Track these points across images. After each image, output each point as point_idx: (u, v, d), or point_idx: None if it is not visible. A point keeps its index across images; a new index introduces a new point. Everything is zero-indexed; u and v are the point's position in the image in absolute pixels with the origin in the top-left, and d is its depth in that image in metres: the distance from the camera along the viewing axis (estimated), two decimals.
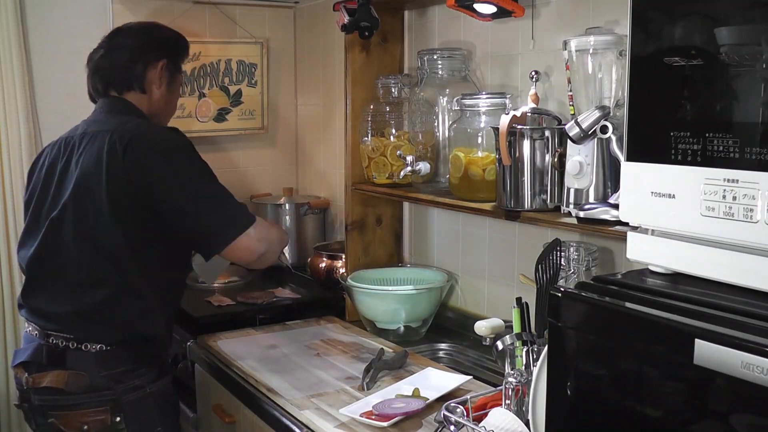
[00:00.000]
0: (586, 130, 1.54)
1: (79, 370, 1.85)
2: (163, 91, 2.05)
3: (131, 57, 2.01)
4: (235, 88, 3.05)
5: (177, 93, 2.15)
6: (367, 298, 2.29)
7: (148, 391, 1.91)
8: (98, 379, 1.85)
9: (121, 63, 2.01)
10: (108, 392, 1.86)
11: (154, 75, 2.03)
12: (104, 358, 1.86)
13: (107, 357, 1.87)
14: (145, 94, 2.03)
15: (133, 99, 2.02)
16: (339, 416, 1.68)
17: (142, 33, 2.09)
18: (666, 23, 1.07)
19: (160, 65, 2.03)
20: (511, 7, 1.94)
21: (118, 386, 1.87)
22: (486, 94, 2.02)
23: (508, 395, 1.45)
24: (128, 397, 1.88)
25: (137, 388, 1.89)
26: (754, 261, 0.97)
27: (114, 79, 2.02)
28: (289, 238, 2.28)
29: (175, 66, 2.10)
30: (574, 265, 1.77)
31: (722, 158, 0.99)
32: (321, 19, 3.00)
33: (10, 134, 2.68)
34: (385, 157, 2.31)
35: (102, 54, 2.04)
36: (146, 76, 2.02)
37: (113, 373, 1.86)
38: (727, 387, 0.88)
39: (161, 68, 2.04)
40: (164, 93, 2.06)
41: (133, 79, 2.01)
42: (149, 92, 2.03)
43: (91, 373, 1.85)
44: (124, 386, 1.87)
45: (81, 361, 1.85)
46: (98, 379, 1.85)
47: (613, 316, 1.04)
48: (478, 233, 2.29)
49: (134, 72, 2.01)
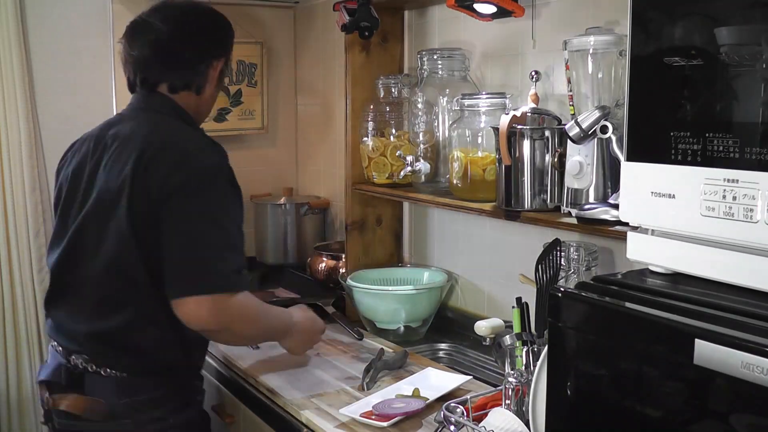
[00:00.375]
0: (586, 130, 1.54)
1: (97, 396, 1.71)
2: (212, 89, 1.87)
3: (196, 53, 1.80)
4: (235, 88, 3.05)
5: (220, 90, 1.93)
6: (367, 298, 2.29)
7: (171, 423, 1.74)
8: (118, 407, 1.70)
9: (183, 60, 1.79)
10: (128, 421, 1.71)
11: (213, 75, 1.84)
12: (124, 385, 1.71)
13: (127, 384, 1.71)
14: (198, 94, 1.83)
15: (183, 98, 1.81)
16: (339, 416, 1.68)
17: (206, 22, 1.86)
18: (666, 23, 1.07)
19: (220, 65, 1.85)
20: (511, 7, 1.94)
21: (139, 416, 1.71)
22: (486, 94, 2.02)
23: (508, 395, 1.45)
24: (148, 428, 1.73)
25: (158, 419, 1.73)
26: (754, 261, 0.97)
27: (171, 76, 1.79)
28: None
29: (228, 63, 1.91)
30: (574, 265, 1.77)
31: (722, 158, 0.99)
32: (321, 19, 3.00)
33: (10, 134, 2.68)
34: (385, 157, 2.31)
35: (153, 40, 1.77)
36: (206, 76, 1.82)
37: (133, 401, 1.71)
38: (727, 387, 0.88)
39: (220, 68, 1.85)
40: (213, 92, 1.87)
41: (193, 80, 1.80)
42: (203, 92, 1.84)
43: (110, 400, 1.70)
44: (145, 416, 1.71)
45: (99, 387, 1.71)
46: (118, 407, 1.70)
47: (613, 316, 1.04)
48: (478, 233, 2.29)
49: (197, 72, 1.80)
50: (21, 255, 2.71)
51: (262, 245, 3.01)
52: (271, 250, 3.00)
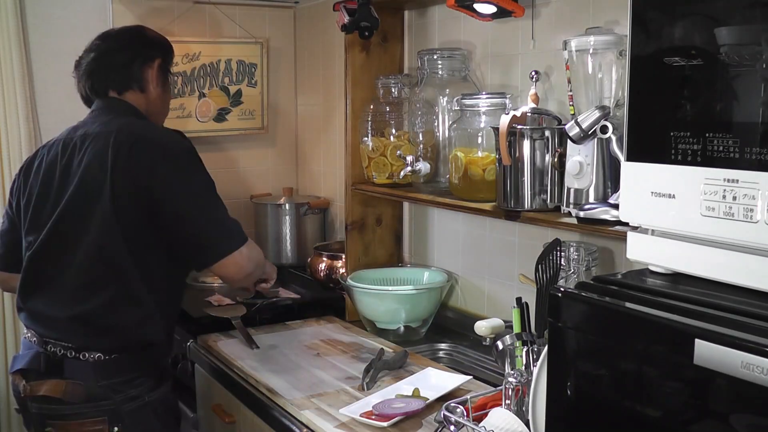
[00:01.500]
0: (586, 130, 1.54)
1: (77, 380, 1.82)
2: (159, 90, 2.05)
3: (128, 56, 2.01)
4: (235, 88, 3.05)
5: (170, 93, 2.15)
6: (367, 298, 2.29)
7: (147, 400, 1.88)
8: (96, 389, 1.82)
9: (119, 63, 2.00)
10: (106, 402, 1.83)
11: (151, 74, 2.02)
12: (102, 367, 1.83)
13: (105, 366, 1.84)
14: (143, 93, 2.02)
15: (132, 98, 2.01)
16: (339, 416, 1.68)
17: (133, 34, 2.10)
18: (666, 23, 1.07)
19: (156, 64, 2.03)
20: (511, 7, 1.95)
21: (117, 396, 1.84)
22: (486, 94, 2.02)
23: (508, 395, 1.45)
24: (127, 407, 1.85)
25: (136, 397, 1.86)
26: (754, 261, 0.97)
27: (112, 78, 2.00)
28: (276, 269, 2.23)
29: (167, 66, 2.10)
30: (574, 265, 1.77)
31: (722, 158, 0.98)
32: (321, 19, 3.00)
33: (10, 134, 2.68)
34: (385, 157, 2.31)
35: (93, 57, 2.02)
36: (143, 74, 2.01)
37: (111, 383, 1.83)
38: (727, 387, 0.88)
39: (157, 67, 2.03)
40: (160, 92, 2.06)
41: (132, 78, 2.00)
42: (147, 91, 2.03)
43: (89, 383, 1.82)
44: (122, 396, 1.84)
45: (79, 371, 1.83)
46: (96, 389, 1.82)
47: (613, 316, 1.04)
48: (478, 233, 2.29)
49: (132, 71, 2.00)
50: None
51: (263, 245, 3.01)
52: (271, 250, 3.00)
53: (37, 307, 1.90)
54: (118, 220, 1.80)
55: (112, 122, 1.91)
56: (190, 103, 2.95)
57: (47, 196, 1.90)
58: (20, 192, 1.98)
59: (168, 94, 2.13)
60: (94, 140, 1.86)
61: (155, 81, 2.04)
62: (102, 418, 1.83)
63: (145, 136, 1.87)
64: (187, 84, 2.92)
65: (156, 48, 2.07)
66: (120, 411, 1.84)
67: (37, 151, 2.02)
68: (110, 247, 1.82)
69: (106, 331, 1.84)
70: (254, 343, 2.19)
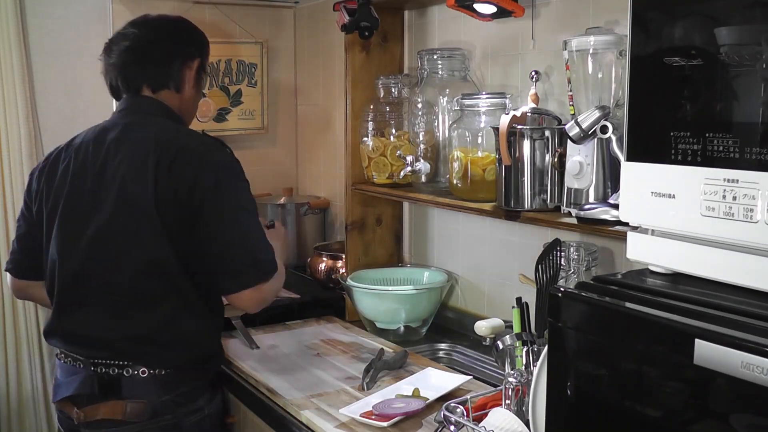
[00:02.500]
0: (586, 130, 1.54)
1: (138, 398, 1.72)
2: (193, 91, 1.94)
3: (169, 53, 1.88)
4: (235, 88, 3.05)
5: (201, 94, 2.02)
6: (367, 298, 2.29)
7: (207, 413, 1.82)
8: (159, 405, 1.73)
9: (157, 58, 1.87)
10: (168, 416, 1.75)
11: (189, 74, 1.91)
12: (165, 381, 1.74)
13: (167, 380, 1.74)
14: (179, 93, 1.90)
15: (166, 98, 1.88)
16: (339, 416, 1.68)
17: (175, 26, 1.96)
18: (666, 23, 1.07)
19: (196, 64, 1.92)
20: (511, 7, 1.94)
21: (179, 410, 1.76)
22: (486, 94, 2.02)
23: (508, 395, 1.45)
24: (188, 420, 1.77)
25: (197, 410, 1.79)
26: (754, 261, 0.97)
27: (149, 76, 1.86)
28: None
29: (205, 66, 1.98)
30: (574, 265, 1.77)
31: (722, 158, 0.98)
32: (321, 19, 3.00)
33: (10, 134, 2.68)
34: (385, 157, 2.31)
35: (128, 47, 1.86)
36: (182, 74, 1.89)
37: (175, 396, 1.75)
38: (727, 387, 0.88)
39: (196, 68, 1.92)
40: (194, 93, 1.95)
41: (169, 77, 1.87)
42: (182, 91, 1.90)
43: (152, 398, 1.73)
44: (184, 409, 1.77)
45: (139, 388, 1.72)
46: (159, 404, 1.73)
47: (613, 316, 1.04)
48: (478, 233, 2.29)
49: (172, 69, 1.87)
50: None
51: None
52: None
53: (79, 327, 1.77)
54: (167, 233, 1.70)
55: (148, 127, 1.80)
56: None
57: (79, 206, 1.77)
58: (42, 197, 1.83)
59: (200, 95, 2.01)
60: (131, 147, 1.75)
61: (192, 81, 1.92)
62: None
63: (187, 146, 1.76)
64: None
65: (197, 46, 1.95)
66: (182, 425, 1.77)
67: (59, 151, 1.86)
68: (163, 261, 1.71)
69: (167, 345, 1.75)
70: (254, 343, 2.19)
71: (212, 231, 1.71)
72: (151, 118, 1.84)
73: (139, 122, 1.82)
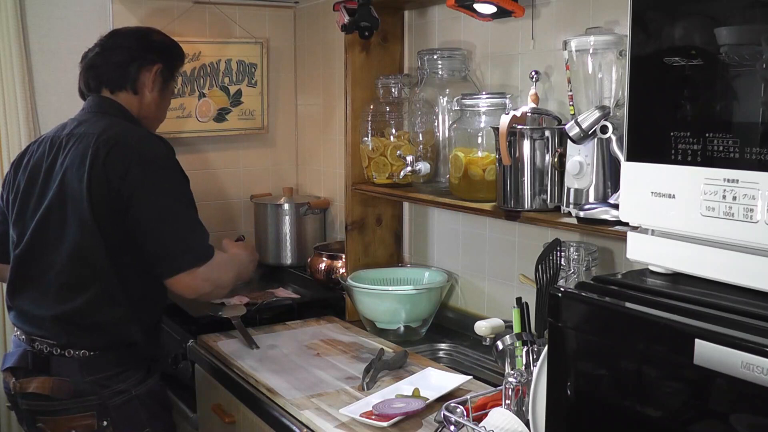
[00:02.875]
0: (586, 130, 1.54)
1: (64, 377, 1.86)
2: (155, 95, 2.06)
3: (127, 57, 2.02)
4: (235, 88, 3.05)
5: (168, 100, 2.16)
6: (367, 298, 2.29)
7: (134, 394, 1.91)
8: (83, 385, 1.86)
9: (116, 62, 2.02)
10: (93, 397, 1.86)
11: (147, 78, 2.04)
12: (88, 363, 1.87)
13: (90, 362, 1.87)
14: (136, 95, 2.04)
15: (124, 99, 2.02)
16: (339, 416, 1.68)
17: (140, 35, 2.11)
18: (666, 23, 1.07)
19: (155, 69, 2.05)
20: (511, 7, 1.94)
21: (104, 391, 1.87)
22: (486, 94, 2.02)
23: (508, 395, 1.45)
24: (114, 401, 1.88)
25: (122, 392, 1.90)
26: (754, 261, 0.97)
27: (107, 77, 2.02)
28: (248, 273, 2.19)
29: (170, 73, 2.11)
30: (574, 265, 1.77)
31: (722, 158, 0.98)
32: (321, 19, 3.00)
33: (10, 134, 2.68)
34: (385, 157, 2.31)
35: (97, 52, 2.04)
36: (139, 77, 2.03)
37: (98, 378, 1.87)
38: (727, 387, 0.88)
39: (156, 72, 2.05)
40: (156, 97, 2.07)
41: (126, 79, 2.02)
42: (141, 94, 2.04)
43: (75, 379, 1.86)
44: (109, 391, 1.88)
45: (65, 368, 1.86)
46: (83, 384, 1.86)
47: (613, 316, 1.04)
48: (478, 233, 2.29)
49: (128, 72, 2.02)
50: None
51: (263, 245, 3.01)
52: (271, 250, 3.00)
53: (23, 305, 1.94)
54: (96, 221, 1.83)
55: (98, 123, 1.93)
56: (190, 103, 2.95)
57: (31, 194, 1.93)
58: (10, 186, 2.02)
59: (166, 101, 2.14)
60: (77, 141, 1.89)
61: (151, 85, 2.04)
62: (90, 413, 1.86)
63: (123, 139, 1.87)
64: (187, 84, 2.92)
65: (159, 53, 2.08)
66: (107, 405, 1.87)
67: (28, 146, 2.05)
68: (89, 248, 1.85)
69: (89, 329, 1.88)
70: (254, 343, 2.19)
71: (142, 220, 1.84)
72: (105, 116, 1.97)
73: (91, 119, 1.96)
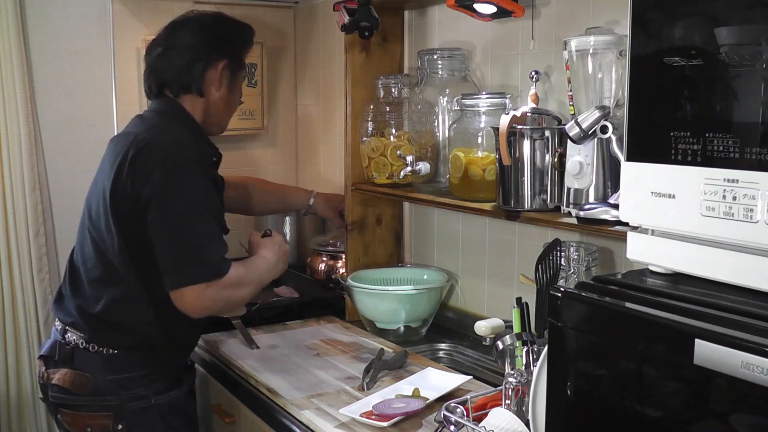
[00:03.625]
0: (586, 130, 1.54)
1: (85, 371, 1.84)
2: (223, 92, 1.97)
3: (191, 57, 1.92)
4: None
5: (239, 90, 2.05)
6: (367, 298, 2.29)
7: (154, 402, 1.87)
8: (103, 383, 1.83)
9: (180, 64, 1.92)
10: (112, 398, 1.84)
11: (213, 76, 1.94)
12: (110, 361, 1.85)
13: (113, 360, 1.85)
14: (202, 97, 1.95)
15: (188, 102, 1.94)
16: (339, 416, 1.68)
17: (204, 29, 1.98)
18: (666, 23, 1.07)
19: (221, 66, 1.95)
20: (511, 7, 1.94)
21: (123, 393, 1.84)
22: (486, 94, 2.02)
23: (508, 395, 1.45)
24: (131, 406, 1.85)
25: (142, 397, 1.86)
26: (754, 261, 0.97)
27: (170, 80, 1.93)
28: None
29: (237, 63, 2.00)
30: (574, 265, 1.77)
31: (722, 158, 0.98)
32: (321, 19, 3.00)
33: (10, 134, 2.68)
34: (385, 157, 2.31)
35: (159, 52, 1.94)
36: (205, 77, 1.93)
37: (119, 378, 1.84)
38: (727, 387, 0.88)
39: (221, 69, 1.95)
40: (224, 94, 1.98)
41: (190, 82, 1.93)
42: (208, 94, 1.95)
43: (97, 375, 1.84)
44: (129, 393, 1.85)
45: (88, 362, 1.85)
46: (104, 382, 1.83)
47: (613, 316, 1.04)
48: (478, 233, 2.29)
49: (192, 74, 1.92)
50: (21, 255, 2.72)
51: None
52: None
53: (64, 294, 1.95)
54: (117, 221, 1.81)
55: (142, 125, 1.91)
56: None
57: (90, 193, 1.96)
58: None
59: (236, 92, 2.03)
60: (120, 139, 1.89)
61: (218, 83, 1.95)
62: (107, 414, 1.84)
63: (155, 143, 1.82)
64: None
65: (224, 48, 1.97)
66: (124, 409, 1.84)
67: None
68: (110, 248, 1.84)
69: (113, 327, 1.86)
70: (254, 343, 2.19)
71: (154, 227, 1.78)
72: (157, 117, 1.93)
73: (139, 121, 1.93)
